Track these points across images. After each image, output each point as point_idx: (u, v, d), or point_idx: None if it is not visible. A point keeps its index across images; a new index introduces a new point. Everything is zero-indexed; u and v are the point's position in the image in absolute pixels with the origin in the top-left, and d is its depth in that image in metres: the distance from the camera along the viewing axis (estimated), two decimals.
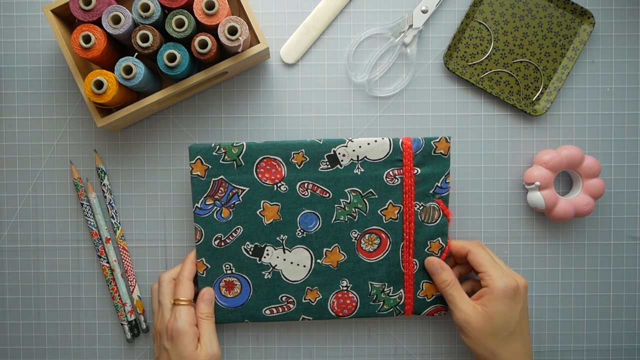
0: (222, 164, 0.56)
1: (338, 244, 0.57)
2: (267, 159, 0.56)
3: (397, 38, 0.60)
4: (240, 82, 0.61)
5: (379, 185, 0.56)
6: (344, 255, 0.57)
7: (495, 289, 0.52)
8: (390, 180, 0.56)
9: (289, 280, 0.57)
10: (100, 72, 0.52)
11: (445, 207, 0.57)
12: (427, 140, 0.56)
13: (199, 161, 0.56)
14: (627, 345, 0.62)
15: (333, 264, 0.57)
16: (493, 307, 0.52)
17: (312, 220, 0.57)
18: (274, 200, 0.56)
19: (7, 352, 0.61)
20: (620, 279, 0.61)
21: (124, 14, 0.52)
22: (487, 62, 0.60)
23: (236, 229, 0.57)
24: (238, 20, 0.52)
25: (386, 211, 0.57)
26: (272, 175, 0.56)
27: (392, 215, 0.57)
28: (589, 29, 0.60)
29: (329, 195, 0.56)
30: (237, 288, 0.57)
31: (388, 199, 0.57)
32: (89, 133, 0.61)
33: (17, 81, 0.61)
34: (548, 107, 0.60)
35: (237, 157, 0.56)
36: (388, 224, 0.57)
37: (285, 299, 0.58)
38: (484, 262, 0.54)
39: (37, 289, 0.61)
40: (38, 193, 0.61)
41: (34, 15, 0.60)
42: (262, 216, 0.56)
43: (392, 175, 0.56)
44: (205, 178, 0.56)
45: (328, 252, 0.57)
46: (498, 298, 0.52)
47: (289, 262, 0.57)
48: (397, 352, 0.61)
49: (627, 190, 0.61)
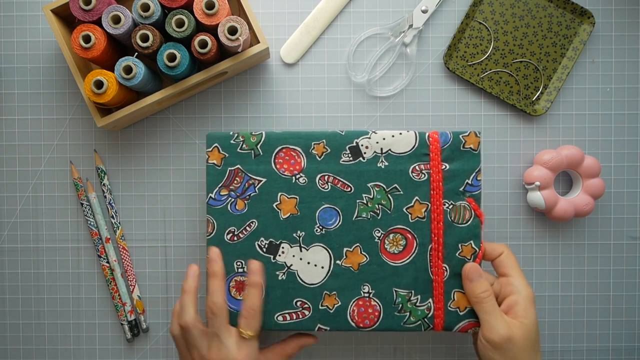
0: (239, 153, 0.53)
1: (360, 244, 0.53)
2: (287, 148, 0.52)
3: (397, 38, 0.60)
4: (240, 82, 0.61)
5: (404, 181, 0.52)
6: (366, 256, 0.53)
7: (527, 297, 0.49)
8: (416, 176, 0.52)
9: (305, 282, 0.53)
10: (100, 72, 0.52)
11: (477, 207, 0.52)
12: (455, 135, 0.52)
13: (216, 149, 0.53)
14: (627, 345, 0.62)
15: (354, 266, 0.53)
16: (530, 317, 0.48)
17: (332, 216, 0.52)
18: (291, 193, 0.52)
19: (7, 352, 0.61)
20: (620, 279, 0.61)
21: (124, 13, 0.52)
22: (487, 62, 0.60)
23: (250, 223, 0.53)
24: (238, 20, 0.52)
25: (412, 209, 0.52)
26: (290, 166, 0.52)
27: (418, 213, 0.52)
28: (589, 29, 0.60)
29: (350, 189, 0.52)
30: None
31: (414, 195, 0.52)
32: (89, 133, 0.61)
33: (17, 81, 0.61)
34: (548, 107, 0.60)
35: (256, 146, 0.53)
36: (415, 224, 0.52)
37: (300, 304, 0.53)
38: (514, 266, 0.51)
39: (37, 289, 0.61)
40: (38, 193, 0.61)
41: (34, 15, 0.60)
42: (279, 210, 0.53)
43: (418, 170, 0.52)
44: (222, 167, 0.53)
45: (349, 252, 0.53)
46: (531, 304, 0.49)
47: (305, 262, 0.53)
48: (397, 352, 0.61)
49: (627, 190, 0.61)
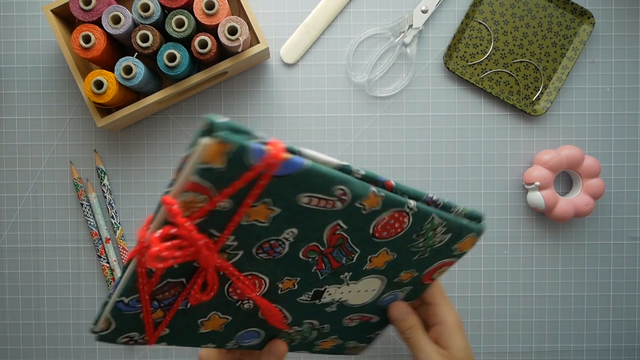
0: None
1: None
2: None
3: (397, 38, 0.60)
4: (240, 82, 0.61)
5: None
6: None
7: (452, 325, 0.47)
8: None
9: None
10: (100, 72, 0.52)
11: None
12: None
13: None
14: (627, 345, 0.62)
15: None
16: (457, 345, 0.46)
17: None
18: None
19: (7, 352, 0.61)
20: (620, 279, 0.61)
21: (124, 14, 0.52)
22: (487, 62, 0.60)
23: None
24: (238, 20, 0.52)
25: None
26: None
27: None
28: (589, 29, 0.60)
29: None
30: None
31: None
32: (89, 133, 0.61)
33: (17, 81, 0.61)
34: (548, 107, 0.60)
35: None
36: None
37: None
38: (436, 292, 0.49)
39: (37, 289, 0.61)
40: (38, 193, 0.61)
41: (34, 15, 0.60)
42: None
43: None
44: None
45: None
46: (458, 334, 0.47)
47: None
48: (397, 352, 0.61)
49: (627, 190, 0.61)
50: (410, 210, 0.41)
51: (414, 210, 0.41)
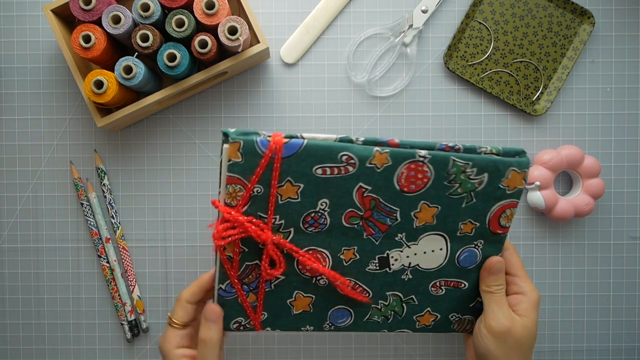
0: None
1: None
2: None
3: (397, 38, 0.60)
4: (240, 82, 0.61)
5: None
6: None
7: (533, 298, 0.49)
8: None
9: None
10: (100, 72, 0.52)
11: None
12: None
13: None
14: (627, 345, 0.62)
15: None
16: (532, 317, 0.48)
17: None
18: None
19: (7, 352, 0.61)
20: (620, 279, 0.61)
21: (124, 13, 0.52)
22: (487, 62, 0.60)
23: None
24: (238, 20, 0.52)
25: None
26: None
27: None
28: (589, 28, 0.60)
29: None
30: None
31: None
32: (89, 133, 0.61)
33: (17, 81, 0.61)
34: (548, 107, 0.60)
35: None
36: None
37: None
38: (520, 267, 0.50)
39: (37, 289, 0.61)
40: (38, 193, 0.61)
41: (34, 15, 0.60)
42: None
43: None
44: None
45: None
46: (535, 307, 0.48)
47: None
48: (397, 352, 0.61)
49: (627, 190, 0.61)
50: (424, 158, 0.45)
51: (428, 157, 0.45)
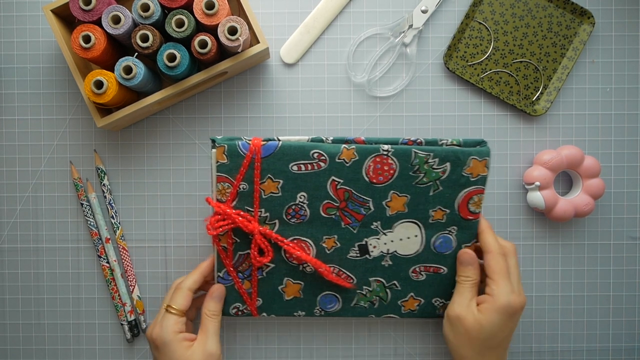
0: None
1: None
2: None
3: (397, 38, 0.60)
4: (240, 82, 0.61)
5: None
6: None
7: (498, 301, 0.50)
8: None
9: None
10: (100, 72, 0.52)
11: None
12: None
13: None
14: (627, 345, 0.62)
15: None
16: (488, 317, 0.50)
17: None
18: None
19: (7, 352, 0.61)
20: (620, 279, 0.61)
21: (124, 14, 0.52)
22: (487, 62, 0.60)
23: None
24: (238, 20, 0.52)
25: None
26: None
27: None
28: (589, 29, 0.60)
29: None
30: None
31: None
32: (89, 133, 0.61)
33: (17, 81, 0.61)
34: (548, 107, 0.60)
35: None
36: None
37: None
38: (498, 270, 0.51)
39: (37, 289, 0.61)
40: (38, 193, 0.61)
41: (34, 15, 0.60)
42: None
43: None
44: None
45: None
46: (497, 311, 0.50)
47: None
48: (397, 352, 0.61)
49: (627, 190, 0.61)
50: (388, 152, 0.52)
51: (391, 151, 0.52)
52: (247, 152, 0.51)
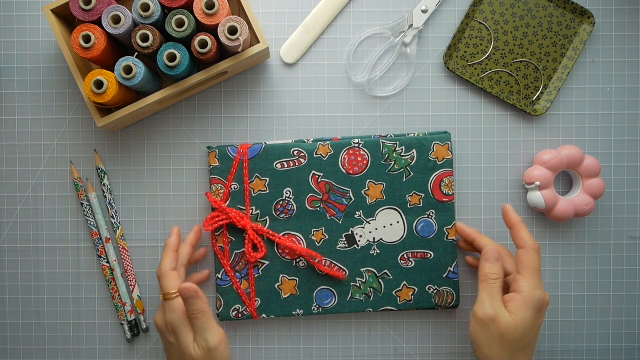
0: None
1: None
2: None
3: (397, 38, 0.60)
4: (240, 82, 0.61)
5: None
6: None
7: (527, 297, 0.49)
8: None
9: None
10: (100, 72, 0.52)
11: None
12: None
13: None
14: (627, 345, 0.62)
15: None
16: (520, 316, 0.49)
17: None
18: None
19: (7, 352, 0.61)
20: (620, 279, 0.61)
21: (124, 13, 0.52)
22: (487, 62, 0.60)
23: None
24: (238, 20, 0.52)
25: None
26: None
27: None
28: (589, 28, 0.60)
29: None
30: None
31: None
32: (89, 133, 0.61)
33: (17, 81, 0.61)
34: (548, 107, 0.60)
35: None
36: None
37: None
38: (528, 266, 0.51)
39: (37, 289, 0.61)
40: (38, 193, 0.61)
41: (34, 15, 0.60)
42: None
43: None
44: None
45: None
46: (527, 307, 0.49)
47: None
48: (397, 352, 0.61)
49: (627, 190, 0.61)
50: (359, 144, 0.58)
51: (362, 143, 0.58)
52: (236, 154, 0.57)
